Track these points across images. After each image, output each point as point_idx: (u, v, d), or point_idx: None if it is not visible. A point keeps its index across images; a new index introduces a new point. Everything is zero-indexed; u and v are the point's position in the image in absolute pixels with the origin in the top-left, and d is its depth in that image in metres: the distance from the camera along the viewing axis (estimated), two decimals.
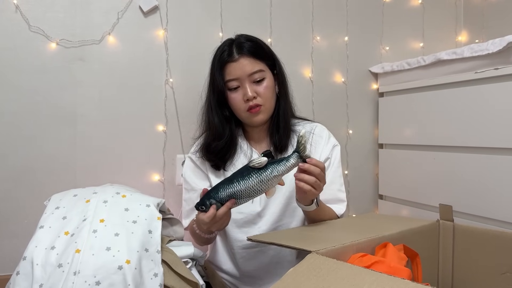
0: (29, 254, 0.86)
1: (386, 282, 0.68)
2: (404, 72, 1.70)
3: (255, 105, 1.20)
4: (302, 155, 1.00)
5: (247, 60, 1.20)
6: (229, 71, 1.21)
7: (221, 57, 1.22)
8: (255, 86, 1.20)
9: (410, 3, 1.92)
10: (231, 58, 1.20)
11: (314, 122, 1.34)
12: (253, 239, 0.98)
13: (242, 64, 1.20)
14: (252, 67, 1.20)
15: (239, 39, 1.24)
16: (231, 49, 1.22)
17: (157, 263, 0.91)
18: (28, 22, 1.37)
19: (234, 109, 1.23)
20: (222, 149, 1.25)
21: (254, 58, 1.21)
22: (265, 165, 0.98)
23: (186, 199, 1.30)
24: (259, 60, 1.22)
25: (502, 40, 1.29)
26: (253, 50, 1.21)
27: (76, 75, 1.43)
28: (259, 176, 0.98)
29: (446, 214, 1.17)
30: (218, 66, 1.22)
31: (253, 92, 1.19)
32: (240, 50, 1.21)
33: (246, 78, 1.20)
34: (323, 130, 1.31)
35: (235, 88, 1.21)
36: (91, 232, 0.89)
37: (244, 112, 1.21)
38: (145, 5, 1.49)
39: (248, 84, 1.20)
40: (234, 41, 1.24)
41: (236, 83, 1.20)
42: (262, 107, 1.21)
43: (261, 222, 1.23)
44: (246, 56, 1.20)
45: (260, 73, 1.21)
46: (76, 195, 1.02)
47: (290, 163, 1.00)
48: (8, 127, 1.36)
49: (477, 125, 1.37)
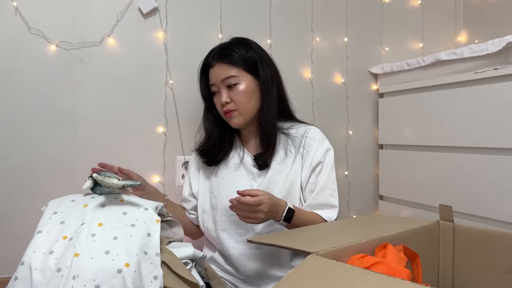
0: (27, 259, 0.85)
1: (385, 283, 0.68)
2: (404, 72, 1.70)
3: (228, 110, 1.26)
4: (110, 188, 1.00)
5: (220, 67, 1.26)
6: (210, 77, 1.29)
7: (204, 63, 1.31)
8: (230, 91, 1.25)
9: (410, 3, 1.92)
10: (209, 64, 1.28)
11: (309, 125, 1.35)
12: (253, 240, 0.98)
13: (216, 70, 1.26)
14: (225, 72, 1.25)
15: (217, 47, 1.31)
16: (210, 55, 1.30)
17: (157, 265, 0.91)
18: (28, 24, 1.37)
19: (218, 112, 1.30)
20: (212, 149, 1.32)
21: (226, 64, 1.25)
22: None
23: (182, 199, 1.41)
24: (233, 66, 1.25)
25: (501, 40, 1.29)
26: (224, 56, 1.26)
27: (76, 77, 1.43)
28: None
29: (446, 214, 1.17)
30: (201, 72, 1.32)
31: (227, 97, 1.24)
32: (214, 56, 1.28)
33: (220, 84, 1.26)
34: (317, 132, 1.32)
35: (216, 93, 1.29)
36: (89, 236, 0.88)
37: (224, 116, 1.28)
38: (145, 7, 1.49)
39: (223, 89, 1.25)
40: (214, 49, 1.31)
41: (215, 88, 1.28)
42: (236, 112, 1.26)
43: (255, 225, 1.23)
44: (219, 63, 1.26)
45: (233, 78, 1.25)
46: (74, 200, 1.01)
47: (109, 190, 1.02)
48: (9, 129, 1.36)
49: (477, 125, 1.37)
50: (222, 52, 1.27)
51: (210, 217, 1.31)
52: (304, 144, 1.29)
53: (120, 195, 1.05)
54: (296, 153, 1.29)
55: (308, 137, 1.30)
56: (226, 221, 1.27)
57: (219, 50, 1.28)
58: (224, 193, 1.28)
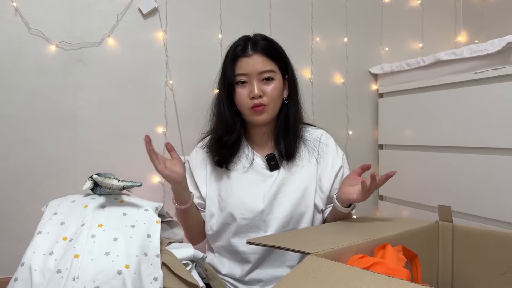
0: (27, 260, 0.85)
1: (384, 283, 0.68)
2: (403, 72, 1.70)
3: (260, 104, 1.20)
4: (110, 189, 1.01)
5: (260, 58, 1.21)
6: (240, 66, 1.21)
7: (235, 51, 1.23)
8: (263, 85, 1.21)
9: (410, 3, 1.92)
10: (244, 53, 1.21)
11: (318, 128, 1.35)
12: (252, 242, 0.98)
13: (255, 60, 1.20)
14: (264, 65, 1.21)
15: (256, 37, 1.26)
16: (246, 44, 1.22)
17: (157, 267, 0.91)
18: (28, 25, 1.37)
19: (239, 104, 1.23)
20: (233, 144, 1.25)
21: (267, 57, 1.21)
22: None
23: None
24: (272, 61, 1.22)
25: (501, 40, 1.29)
26: (267, 49, 1.22)
27: (76, 77, 1.43)
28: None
29: (445, 215, 1.17)
30: (231, 59, 1.23)
31: (260, 90, 1.19)
32: (255, 47, 1.22)
33: (256, 76, 1.20)
34: (328, 137, 1.33)
35: (243, 83, 1.21)
36: (89, 237, 0.88)
37: (248, 109, 1.21)
38: (145, 7, 1.49)
39: (256, 81, 1.20)
40: (250, 38, 1.25)
41: (244, 78, 1.21)
42: (266, 107, 1.21)
43: (267, 227, 1.22)
44: (259, 54, 1.21)
45: (271, 73, 1.21)
46: (74, 201, 1.01)
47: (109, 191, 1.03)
48: (8, 130, 1.37)
49: (477, 125, 1.37)
50: (265, 44, 1.23)
51: (220, 219, 1.25)
52: (318, 149, 1.28)
53: (120, 196, 1.05)
54: (310, 157, 1.28)
55: (321, 142, 1.30)
56: (237, 225, 1.23)
57: (261, 42, 1.23)
58: (233, 196, 1.24)
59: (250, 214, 1.21)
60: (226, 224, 1.24)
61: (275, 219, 1.22)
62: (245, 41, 1.24)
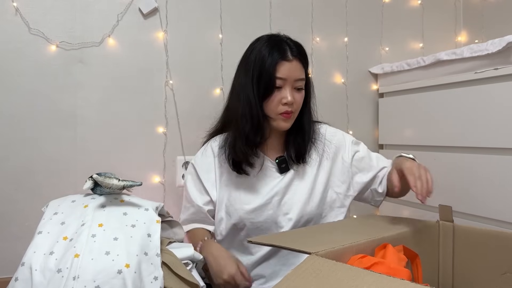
0: (28, 260, 0.85)
1: (385, 283, 0.68)
2: (404, 72, 1.70)
3: (291, 111, 1.18)
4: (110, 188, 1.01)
5: (299, 65, 1.18)
6: (279, 69, 1.15)
7: (276, 51, 1.16)
8: (295, 93, 1.18)
9: (410, 3, 1.92)
10: (285, 57, 1.16)
11: (322, 124, 1.34)
12: (253, 241, 0.98)
13: (294, 66, 1.17)
14: (300, 73, 1.18)
15: (288, 41, 1.21)
16: (284, 47, 1.17)
17: (157, 266, 0.91)
18: (28, 25, 1.37)
19: (269, 107, 1.17)
20: (260, 143, 1.21)
21: (302, 65, 1.19)
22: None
23: (185, 207, 1.30)
24: (304, 70, 1.20)
25: (501, 40, 1.29)
26: (303, 56, 1.20)
27: (76, 77, 1.43)
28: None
29: (445, 214, 1.17)
30: (271, 60, 1.15)
31: (292, 98, 1.16)
32: (294, 52, 1.18)
33: (291, 82, 1.17)
34: (333, 133, 1.32)
35: (277, 87, 1.16)
36: (90, 236, 0.88)
37: (276, 115, 1.18)
38: (145, 7, 1.49)
39: (289, 88, 1.16)
40: (283, 40, 1.20)
41: (281, 82, 1.16)
42: (293, 114, 1.19)
43: (279, 229, 1.21)
44: (298, 60, 1.18)
45: (303, 82, 1.20)
46: (74, 201, 1.01)
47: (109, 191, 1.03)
48: (8, 130, 1.37)
49: (477, 125, 1.37)
50: (302, 51, 1.20)
51: (229, 225, 1.23)
52: (324, 147, 1.28)
53: (120, 195, 1.05)
54: (317, 156, 1.27)
55: (326, 139, 1.29)
56: (248, 229, 1.22)
57: (298, 47, 1.20)
58: (242, 201, 1.22)
59: (261, 218, 1.20)
60: (236, 229, 1.23)
61: (287, 220, 1.21)
62: (282, 42, 1.19)
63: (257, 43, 1.22)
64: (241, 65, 1.24)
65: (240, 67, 1.24)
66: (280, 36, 1.22)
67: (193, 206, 1.26)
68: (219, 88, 1.59)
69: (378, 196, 1.29)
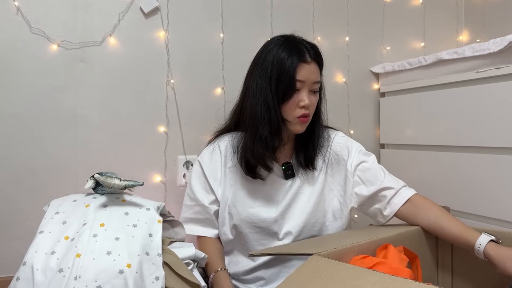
0: (29, 259, 0.85)
1: (388, 282, 0.69)
2: (405, 72, 1.69)
3: (307, 114, 1.16)
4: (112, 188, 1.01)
5: (316, 68, 1.16)
6: (299, 71, 1.13)
7: (295, 53, 1.13)
8: (311, 96, 1.16)
9: (411, 3, 1.91)
10: (304, 59, 1.13)
11: (332, 131, 1.31)
12: (255, 254, 0.98)
13: (313, 69, 1.15)
14: (317, 75, 1.17)
15: (307, 43, 1.18)
16: (303, 49, 1.15)
17: (158, 266, 0.91)
18: (29, 24, 1.37)
19: (287, 110, 1.15)
20: (278, 147, 1.18)
21: (319, 68, 1.18)
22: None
23: (188, 205, 1.26)
24: (320, 73, 1.19)
25: (503, 39, 1.29)
26: (321, 59, 1.18)
27: (77, 76, 1.43)
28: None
29: None
30: (291, 62, 1.12)
31: (309, 101, 1.15)
32: (312, 55, 1.15)
33: (309, 85, 1.15)
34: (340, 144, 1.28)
35: (296, 90, 1.14)
36: (91, 236, 0.88)
37: (294, 118, 1.15)
38: (146, 6, 1.49)
39: (306, 91, 1.15)
40: (300, 41, 1.18)
41: (300, 85, 1.13)
42: (308, 118, 1.17)
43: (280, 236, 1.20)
44: (315, 63, 1.16)
45: (318, 84, 1.18)
46: (76, 200, 1.01)
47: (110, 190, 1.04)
48: (10, 129, 1.36)
49: (479, 124, 1.37)
50: (319, 54, 1.18)
51: (231, 226, 1.22)
52: (329, 157, 1.25)
53: (122, 195, 1.05)
54: (324, 165, 1.25)
55: (332, 149, 1.26)
56: (250, 233, 1.20)
57: (315, 50, 1.17)
58: (245, 204, 1.20)
59: (263, 223, 1.19)
60: (238, 232, 1.21)
61: (289, 228, 1.19)
62: (300, 43, 1.17)
63: (272, 44, 1.18)
64: (256, 66, 1.19)
65: (254, 68, 1.20)
66: (296, 37, 1.20)
67: (197, 204, 1.24)
68: (220, 87, 1.59)
69: (382, 218, 1.22)
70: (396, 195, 1.19)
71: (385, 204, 1.20)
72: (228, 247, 1.26)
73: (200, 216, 1.25)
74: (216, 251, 1.23)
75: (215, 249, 1.23)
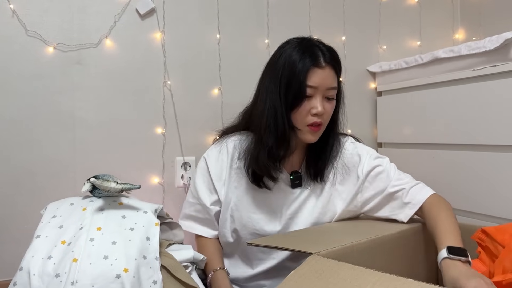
0: (26, 264, 0.85)
1: (389, 282, 0.69)
2: (402, 70, 1.70)
3: (320, 122, 1.09)
4: (108, 191, 1.01)
5: (332, 72, 1.09)
6: (310, 76, 1.05)
7: (307, 56, 1.06)
8: (326, 103, 1.09)
9: (407, 2, 1.92)
10: (317, 63, 1.06)
11: (343, 136, 1.26)
12: (253, 243, 0.97)
13: (327, 74, 1.07)
14: (333, 81, 1.09)
15: (323, 46, 1.11)
16: (317, 52, 1.07)
17: (156, 270, 0.90)
18: (25, 27, 1.37)
19: (297, 118, 1.09)
20: (283, 157, 1.13)
21: (335, 72, 1.10)
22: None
23: (190, 202, 1.24)
24: (337, 78, 1.11)
25: (499, 37, 1.29)
26: (337, 63, 1.11)
27: (74, 79, 1.42)
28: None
29: None
30: (302, 66, 1.05)
31: (323, 108, 1.07)
32: (327, 58, 1.08)
33: (323, 91, 1.07)
34: (352, 154, 1.22)
35: (307, 97, 1.07)
36: (88, 240, 0.88)
37: (304, 126, 1.09)
38: (142, 8, 1.48)
39: (320, 98, 1.07)
40: (315, 44, 1.11)
41: (311, 91, 1.06)
42: (322, 127, 1.11)
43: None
44: (331, 67, 1.08)
45: (334, 91, 1.10)
46: (73, 203, 1.01)
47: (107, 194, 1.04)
48: (7, 132, 1.36)
49: (476, 122, 1.37)
50: (335, 57, 1.10)
51: (232, 229, 1.19)
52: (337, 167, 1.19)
53: (119, 198, 1.04)
54: (333, 176, 1.20)
55: (342, 159, 1.20)
56: (250, 238, 1.16)
57: (332, 53, 1.10)
58: (249, 210, 1.17)
59: (265, 234, 1.16)
60: (238, 237, 1.18)
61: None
62: (315, 47, 1.09)
63: (286, 46, 1.12)
64: (268, 69, 1.14)
65: (267, 70, 1.15)
66: (312, 40, 1.13)
67: (199, 203, 1.21)
68: (217, 88, 1.59)
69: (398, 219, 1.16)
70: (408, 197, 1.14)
71: (397, 208, 1.16)
72: (228, 250, 1.24)
73: (200, 215, 1.22)
74: (215, 250, 1.22)
75: (213, 248, 1.22)
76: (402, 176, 1.19)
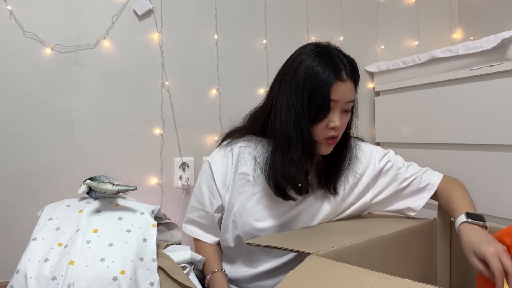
0: (22, 267, 0.85)
1: (387, 282, 0.69)
2: (399, 70, 1.70)
3: (337, 135, 1.06)
4: (104, 193, 1.01)
5: (351, 86, 1.05)
6: (333, 90, 1.01)
7: (330, 70, 1.02)
8: (342, 116, 1.05)
9: (405, 2, 1.92)
10: (340, 77, 1.02)
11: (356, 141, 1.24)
12: (251, 243, 0.97)
13: (348, 88, 1.04)
14: (352, 94, 1.06)
15: (344, 57, 1.06)
16: (339, 65, 1.03)
17: (153, 271, 0.90)
18: (23, 28, 1.36)
19: (315, 131, 1.05)
20: (310, 171, 1.11)
21: (354, 86, 1.07)
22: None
23: (194, 207, 1.22)
24: (355, 91, 1.08)
25: (496, 37, 1.30)
26: (357, 76, 1.07)
27: (72, 79, 1.42)
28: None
29: (442, 212, 1.18)
30: (326, 79, 1.00)
31: (340, 122, 1.04)
32: (348, 72, 1.04)
33: (342, 105, 1.04)
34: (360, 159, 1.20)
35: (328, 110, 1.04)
36: (84, 242, 0.88)
37: (322, 139, 1.06)
38: (140, 9, 1.48)
39: (338, 111, 1.04)
40: (336, 54, 1.06)
41: (332, 105, 1.03)
42: (337, 139, 1.09)
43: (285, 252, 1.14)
44: (351, 80, 1.05)
45: (352, 103, 1.08)
46: (69, 205, 1.00)
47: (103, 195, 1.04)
48: (4, 133, 1.36)
49: (473, 122, 1.37)
50: (355, 69, 1.06)
51: (234, 235, 1.17)
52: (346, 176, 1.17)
53: (115, 199, 1.04)
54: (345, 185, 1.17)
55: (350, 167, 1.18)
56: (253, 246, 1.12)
57: (352, 65, 1.06)
58: (252, 215, 1.13)
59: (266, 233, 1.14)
60: (241, 243, 1.16)
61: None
62: (334, 58, 1.04)
63: (304, 54, 1.06)
64: (286, 76, 1.07)
65: (284, 77, 1.08)
66: (332, 49, 1.07)
67: (203, 209, 1.19)
68: (215, 88, 1.59)
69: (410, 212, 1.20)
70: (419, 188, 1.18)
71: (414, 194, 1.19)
72: (229, 253, 1.23)
73: (204, 222, 1.21)
74: (214, 252, 1.21)
75: (212, 250, 1.21)
76: (410, 166, 1.23)
